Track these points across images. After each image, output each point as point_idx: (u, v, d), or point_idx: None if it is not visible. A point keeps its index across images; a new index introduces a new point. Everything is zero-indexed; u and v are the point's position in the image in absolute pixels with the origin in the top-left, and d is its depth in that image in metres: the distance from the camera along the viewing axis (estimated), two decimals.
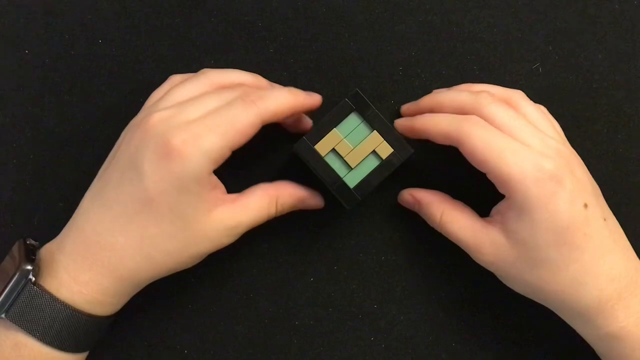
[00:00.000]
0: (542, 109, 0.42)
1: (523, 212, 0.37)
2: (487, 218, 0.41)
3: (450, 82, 0.46)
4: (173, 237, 0.37)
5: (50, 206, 0.45)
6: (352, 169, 0.40)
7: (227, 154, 0.37)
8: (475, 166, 0.38)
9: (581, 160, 0.40)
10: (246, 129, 0.37)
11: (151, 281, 0.40)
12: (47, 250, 0.39)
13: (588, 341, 0.40)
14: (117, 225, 0.37)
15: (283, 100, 0.39)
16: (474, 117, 0.39)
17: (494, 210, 0.40)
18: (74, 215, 0.39)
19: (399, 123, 0.42)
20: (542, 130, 0.39)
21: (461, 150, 0.39)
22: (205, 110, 0.37)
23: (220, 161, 0.37)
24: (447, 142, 0.39)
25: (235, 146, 0.37)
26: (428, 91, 0.46)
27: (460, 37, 0.46)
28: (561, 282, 0.38)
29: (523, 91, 0.45)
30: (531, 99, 0.45)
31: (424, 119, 0.41)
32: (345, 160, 0.40)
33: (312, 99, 0.42)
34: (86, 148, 0.45)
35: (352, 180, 0.40)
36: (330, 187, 0.40)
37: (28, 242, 0.39)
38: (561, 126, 0.42)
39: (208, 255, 0.40)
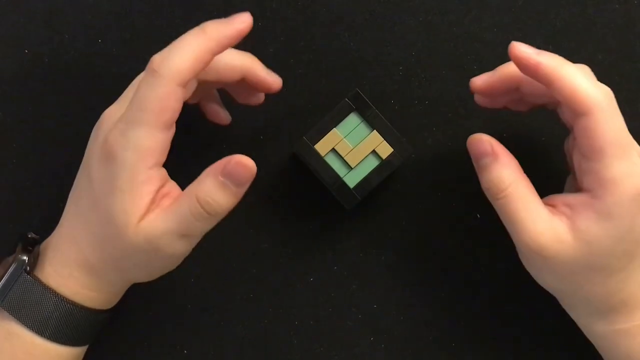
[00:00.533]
0: None
1: (608, 218, 0.35)
2: (549, 207, 0.37)
3: (450, 82, 0.46)
4: (111, 242, 0.36)
5: (50, 206, 0.45)
6: (352, 168, 0.40)
7: (161, 136, 0.34)
8: (581, 144, 0.35)
9: None
10: (161, 105, 0.33)
11: (127, 284, 0.40)
12: (44, 244, 0.39)
13: (590, 334, 0.40)
14: (79, 223, 0.37)
15: (191, 50, 0.34)
16: (610, 93, 0.36)
17: (559, 200, 0.37)
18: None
19: (519, 51, 0.36)
20: None
21: (581, 121, 0.35)
22: (130, 96, 0.35)
23: (158, 147, 0.34)
24: (568, 103, 0.35)
25: (162, 127, 0.34)
26: (428, 91, 0.46)
27: (460, 37, 0.46)
28: (605, 286, 0.37)
29: None
30: None
31: (558, 64, 0.35)
32: (345, 160, 0.40)
33: (233, 28, 0.35)
34: (86, 148, 0.45)
35: (352, 180, 0.40)
36: (330, 187, 0.40)
37: (30, 236, 0.40)
38: (561, 126, 0.42)
39: (168, 272, 0.38)
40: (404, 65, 0.46)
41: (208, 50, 0.34)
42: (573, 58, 0.45)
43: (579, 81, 0.35)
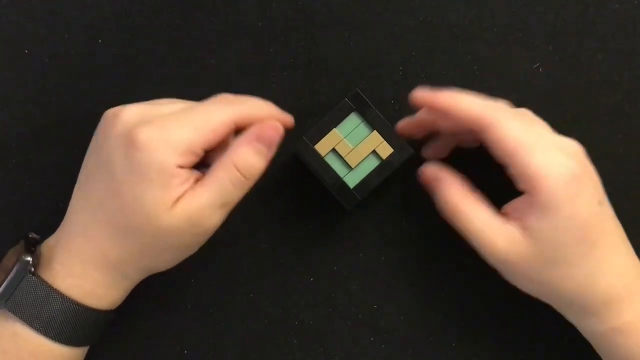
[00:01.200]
0: (528, 111, 0.41)
1: (546, 210, 0.36)
2: (502, 213, 0.39)
3: (450, 82, 0.46)
4: (139, 230, 0.36)
5: (50, 206, 0.45)
6: (352, 169, 0.40)
7: (198, 150, 0.36)
8: (498, 157, 0.37)
9: None
10: (218, 126, 0.37)
11: (144, 275, 0.40)
12: (47, 244, 0.39)
13: (589, 337, 0.40)
14: (95, 217, 0.37)
15: (259, 108, 0.39)
16: (506, 106, 0.38)
17: (510, 207, 0.39)
18: (68, 208, 0.40)
19: (418, 95, 0.39)
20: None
21: (486, 136, 0.37)
22: (180, 108, 0.38)
23: (190, 157, 0.36)
24: (470, 125, 0.38)
25: (206, 143, 0.37)
26: None
27: (460, 37, 0.46)
28: (575, 280, 0.38)
29: (522, 91, 0.45)
30: (531, 98, 0.45)
31: (449, 96, 0.39)
32: (345, 160, 0.40)
33: (285, 118, 0.41)
34: (86, 148, 0.45)
35: (352, 180, 0.40)
36: (330, 188, 0.40)
37: (30, 236, 0.40)
38: (561, 126, 0.42)
39: (196, 250, 0.39)
40: (404, 65, 0.46)
41: (266, 117, 0.39)
42: (573, 58, 0.46)
43: (468, 101, 0.38)
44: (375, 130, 0.40)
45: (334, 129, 0.40)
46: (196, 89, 0.46)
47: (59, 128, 0.45)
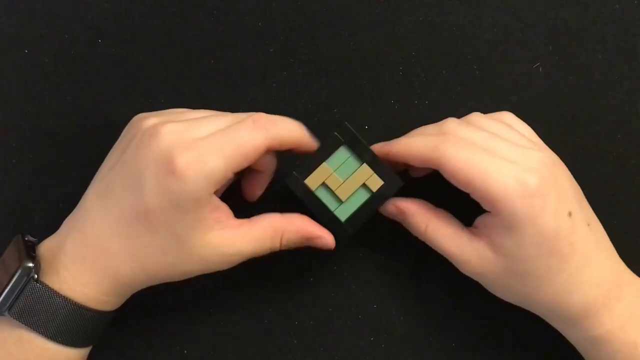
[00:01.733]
0: (508, 114, 0.41)
1: (510, 228, 0.37)
2: (472, 229, 0.40)
3: (450, 82, 0.46)
4: (166, 252, 0.37)
5: (50, 206, 0.45)
6: (342, 202, 0.40)
7: (230, 176, 0.37)
8: (458, 187, 0.38)
9: (562, 163, 0.39)
10: (251, 152, 0.37)
11: (147, 286, 0.40)
12: (48, 247, 0.39)
13: (574, 344, 0.41)
14: (115, 232, 0.37)
15: (293, 131, 0.39)
16: (450, 136, 0.38)
17: (479, 222, 0.40)
18: (76, 213, 0.39)
19: (376, 150, 0.41)
20: (516, 141, 0.39)
21: (442, 172, 0.38)
22: (216, 128, 0.37)
23: (222, 182, 0.37)
24: (426, 166, 0.39)
25: (238, 169, 0.37)
26: (428, 91, 0.46)
27: (460, 37, 0.46)
28: (549, 292, 0.38)
29: (522, 91, 0.45)
30: (531, 98, 0.46)
31: (399, 144, 0.40)
32: (335, 194, 0.40)
33: (310, 144, 0.40)
34: (86, 148, 0.45)
35: (343, 213, 0.40)
36: (321, 222, 0.40)
37: (26, 239, 0.39)
38: (561, 126, 0.42)
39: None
40: (404, 65, 0.46)
41: (298, 140, 0.39)
42: (573, 58, 0.46)
43: (415, 144, 0.39)
44: (364, 163, 0.40)
45: (324, 163, 0.40)
46: (196, 89, 0.46)
47: (59, 128, 0.46)
